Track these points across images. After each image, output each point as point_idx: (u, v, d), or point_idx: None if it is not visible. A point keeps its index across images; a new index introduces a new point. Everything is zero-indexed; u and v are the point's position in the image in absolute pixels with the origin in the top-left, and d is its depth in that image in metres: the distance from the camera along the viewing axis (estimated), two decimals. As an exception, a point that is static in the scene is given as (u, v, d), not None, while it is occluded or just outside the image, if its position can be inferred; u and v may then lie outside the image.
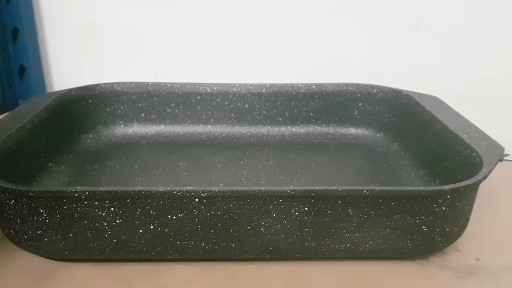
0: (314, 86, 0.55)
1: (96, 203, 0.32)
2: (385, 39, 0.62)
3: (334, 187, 0.32)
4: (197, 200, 0.32)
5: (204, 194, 0.32)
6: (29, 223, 0.33)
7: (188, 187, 0.32)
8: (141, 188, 0.32)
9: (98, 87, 0.54)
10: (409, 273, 0.36)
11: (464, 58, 0.60)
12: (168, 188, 0.32)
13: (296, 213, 0.33)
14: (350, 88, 0.55)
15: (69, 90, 0.52)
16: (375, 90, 0.54)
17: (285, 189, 0.32)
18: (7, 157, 0.39)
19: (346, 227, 0.34)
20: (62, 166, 0.47)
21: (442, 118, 0.45)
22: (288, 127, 0.55)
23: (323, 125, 0.55)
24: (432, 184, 0.44)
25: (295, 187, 0.32)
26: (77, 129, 0.52)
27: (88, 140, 0.53)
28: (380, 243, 0.35)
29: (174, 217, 0.33)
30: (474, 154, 0.38)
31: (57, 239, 0.34)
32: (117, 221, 0.33)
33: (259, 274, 0.35)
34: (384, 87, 0.54)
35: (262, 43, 0.64)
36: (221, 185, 0.45)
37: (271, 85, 0.55)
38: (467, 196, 0.35)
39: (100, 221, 0.33)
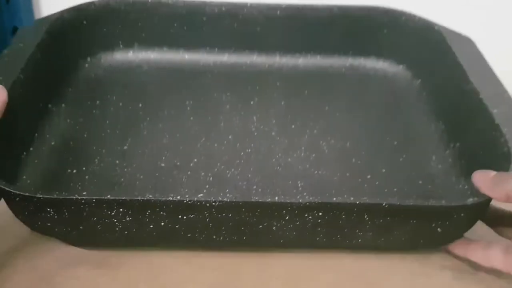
0: (336, 9, 0.48)
1: (104, 205, 0.31)
2: None
3: (352, 200, 0.31)
4: (207, 205, 0.31)
5: (216, 203, 0.31)
6: (36, 217, 0.33)
7: (199, 196, 0.31)
8: (150, 197, 0.31)
9: (93, 6, 0.48)
10: (409, 272, 0.36)
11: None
12: (178, 197, 0.31)
13: (310, 217, 0.32)
14: (376, 12, 0.49)
15: (61, 14, 0.46)
16: (404, 18, 0.48)
17: (301, 201, 0.31)
18: (4, 118, 0.37)
19: (361, 229, 0.33)
20: (63, 105, 0.45)
21: (474, 77, 0.40)
22: (303, 54, 0.51)
23: (341, 54, 0.50)
24: (452, 145, 0.42)
25: (311, 199, 0.31)
26: (74, 56, 0.48)
27: (87, 65, 0.49)
28: (391, 241, 0.35)
29: (184, 217, 0.32)
30: (502, 140, 0.35)
31: (67, 230, 0.34)
32: (127, 218, 0.32)
33: (260, 274, 0.36)
34: (415, 16, 0.48)
35: None
36: (230, 137, 0.43)
37: (287, 6, 0.48)
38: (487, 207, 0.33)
39: (110, 219, 0.32)
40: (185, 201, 0.31)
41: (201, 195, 0.31)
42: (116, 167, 0.39)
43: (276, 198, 0.31)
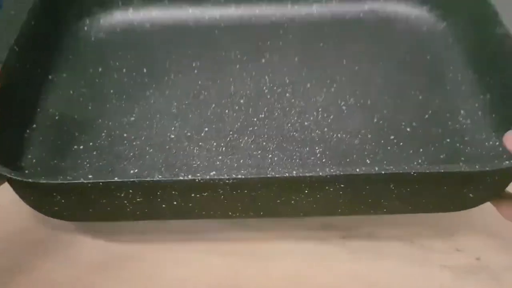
0: (350, -51, 0.44)
1: (112, 187, 0.30)
2: None
3: (377, 170, 0.29)
4: (221, 183, 0.29)
5: (229, 181, 0.29)
6: (43, 202, 0.31)
7: (212, 174, 0.29)
8: (160, 177, 0.29)
9: (85, -38, 0.44)
10: (409, 272, 0.35)
11: None
12: (190, 176, 0.29)
13: (331, 189, 0.30)
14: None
15: (52, -27, 0.42)
16: (426, -46, 0.43)
17: (321, 174, 0.29)
18: (3, 94, 0.35)
19: (386, 198, 0.31)
20: (64, 74, 0.42)
21: (506, 19, 0.37)
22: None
23: (358, -3, 0.46)
24: (481, 97, 0.39)
25: (331, 172, 0.29)
26: (71, 18, 0.45)
27: (86, 28, 0.46)
28: (420, 206, 0.32)
29: (198, 195, 0.30)
30: None
31: (77, 212, 0.32)
32: (138, 199, 0.31)
33: (259, 274, 0.35)
34: (439, -48, 0.43)
35: None
36: (242, 101, 0.40)
37: (297, -51, 0.44)
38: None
39: (120, 201, 0.31)
40: (197, 180, 0.29)
41: (214, 173, 0.29)
42: (124, 141, 0.37)
43: (294, 172, 0.29)
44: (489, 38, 0.38)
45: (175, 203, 0.31)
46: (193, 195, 0.30)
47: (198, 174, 0.29)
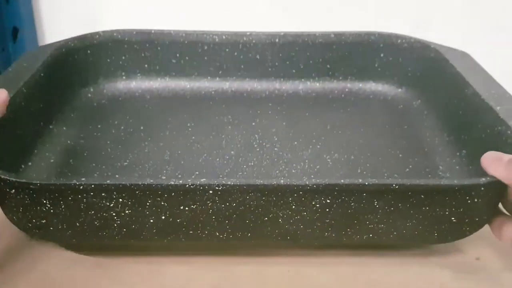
0: (332, 35, 0.50)
1: (103, 194, 0.30)
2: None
3: (361, 181, 0.30)
4: (211, 192, 0.30)
5: (219, 187, 0.30)
6: (32, 212, 0.31)
7: (202, 180, 0.30)
8: (151, 181, 0.30)
9: (97, 36, 0.49)
10: (409, 272, 0.35)
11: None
12: (180, 181, 0.30)
13: (317, 205, 0.31)
14: (372, 37, 0.50)
15: (66, 41, 0.47)
16: (399, 41, 0.49)
17: (307, 182, 0.30)
18: (4, 128, 0.36)
19: (370, 219, 0.32)
20: (64, 128, 0.45)
21: (474, 83, 0.41)
22: (303, 80, 0.51)
23: (340, 79, 0.51)
24: (458, 153, 0.41)
25: (318, 181, 0.30)
26: (77, 83, 0.49)
27: (89, 95, 0.50)
28: (405, 234, 0.33)
29: (187, 208, 0.31)
30: (509, 132, 0.35)
31: (63, 227, 0.32)
32: (126, 211, 0.31)
33: (259, 274, 0.35)
34: (410, 38, 0.49)
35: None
36: (232, 152, 0.42)
37: (285, 34, 0.50)
38: (503, 186, 0.32)
39: (108, 211, 0.31)
40: (187, 185, 0.30)
41: (204, 179, 0.30)
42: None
43: (282, 181, 0.30)
44: (460, 101, 0.42)
45: (163, 217, 0.31)
46: (182, 207, 0.31)
47: (189, 180, 0.30)
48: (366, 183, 0.30)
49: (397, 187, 0.30)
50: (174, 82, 0.51)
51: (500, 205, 0.33)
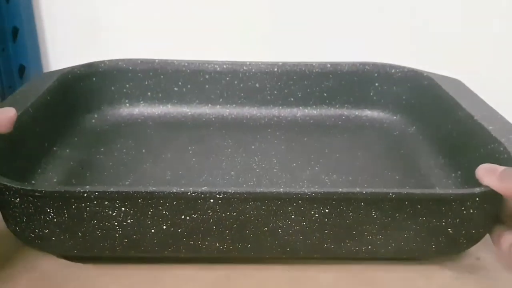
0: (329, 65, 0.52)
1: (106, 202, 0.31)
2: (404, 15, 0.59)
3: (358, 190, 0.31)
4: (212, 201, 0.31)
5: (220, 195, 0.30)
6: (35, 221, 0.32)
7: (203, 188, 0.30)
8: (154, 189, 0.30)
9: (102, 64, 0.51)
10: (409, 272, 0.35)
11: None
12: (182, 189, 0.30)
13: (316, 215, 0.32)
14: (367, 67, 0.52)
15: (72, 68, 0.49)
16: (393, 70, 0.52)
17: (306, 191, 0.31)
18: (10, 146, 0.38)
19: (368, 229, 0.32)
20: (67, 150, 0.45)
21: (466, 106, 0.42)
22: (301, 108, 0.53)
23: (337, 106, 0.53)
24: (453, 175, 0.42)
25: (316, 189, 0.31)
26: (82, 109, 0.50)
27: (93, 121, 0.51)
28: (403, 245, 0.33)
29: (188, 218, 0.31)
30: (502, 149, 0.36)
31: (65, 238, 0.32)
32: (128, 221, 0.31)
33: (259, 276, 0.35)
34: (403, 67, 0.51)
35: (274, 19, 0.61)
36: (232, 173, 0.43)
37: (284, 63, 0.52)
38: (498, 197, 0.33)
39: (110, 221, 0.31)
40: (189, 193, 0.30)
41: (205, 187, 0.30)
42: None
43: (281, 189, 0.31)
44: (453, 124, 0.43)
45: (164, 227, 0.32)
46: (183, 216, 0.31)
47: (191, 188, 0.30)
48: (364, 192, 0.31)
49: (393, 196, 0.31)
50: (176, 109, 0.53)
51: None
